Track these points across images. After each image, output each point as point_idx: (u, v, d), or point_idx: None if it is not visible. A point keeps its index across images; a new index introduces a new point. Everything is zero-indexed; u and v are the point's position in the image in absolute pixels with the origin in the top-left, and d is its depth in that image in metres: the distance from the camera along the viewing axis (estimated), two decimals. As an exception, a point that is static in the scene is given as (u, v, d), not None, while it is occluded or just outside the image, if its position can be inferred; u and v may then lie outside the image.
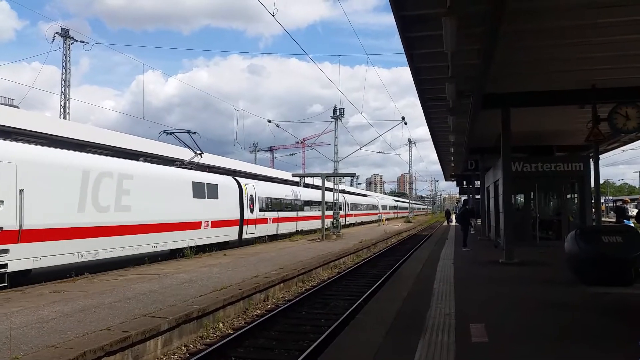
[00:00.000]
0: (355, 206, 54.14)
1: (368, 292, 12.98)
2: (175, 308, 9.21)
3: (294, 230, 32.30)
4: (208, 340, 9.06)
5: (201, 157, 22.25)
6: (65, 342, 6.93)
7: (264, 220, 26.60)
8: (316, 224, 36.04)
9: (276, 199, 29.42)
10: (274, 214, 28.47)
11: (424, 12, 9.27)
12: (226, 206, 22.01)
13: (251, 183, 25.87)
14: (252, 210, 24.77)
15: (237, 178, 24.78)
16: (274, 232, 28.54)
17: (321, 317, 10.87)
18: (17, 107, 23.21)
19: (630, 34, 9.93)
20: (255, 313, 11.16)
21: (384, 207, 77.04)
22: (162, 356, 8.12)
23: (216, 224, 21.00)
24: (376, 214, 67.83)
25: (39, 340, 7.07)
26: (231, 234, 22.59)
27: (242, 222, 23.63)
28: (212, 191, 20.76)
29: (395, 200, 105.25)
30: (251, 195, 24.88)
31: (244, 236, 24.01)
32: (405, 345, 6.18)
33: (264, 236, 26.93)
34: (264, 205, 26.86)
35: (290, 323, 10.41)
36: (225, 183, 22.76)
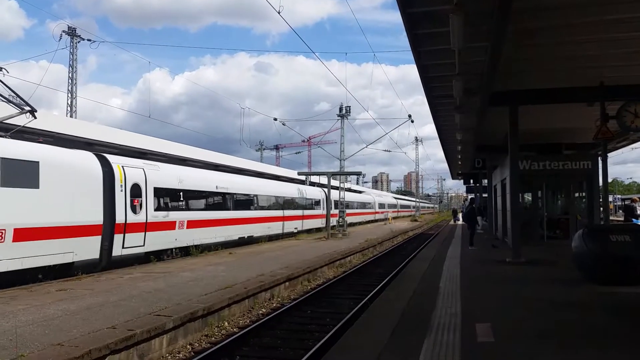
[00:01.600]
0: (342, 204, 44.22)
1: (374, 291, 12.94)
2: (181, 306, 9.21)
3: (237, 237, 22.60)
4: (213, 338, 9.06)
5: (34, 117, 13.33)
6: (71, 340, 6.95)
7: (167, 225, 17.26)
8: (277, 228, 27.86)
9: (199, 192, 20.03)
10: (191, 215, 18.93)
11: (431, 9, 9.22)
12: (64, 201, 12.97)
13: (138, 165, 16.52)
14: (136, 210, 15.71)
15: (108, 155, 15.64)
16: (193, 242, 18.84)
17: (326, 316, 10.85)
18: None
19: (639, 31, 9.81)
20: (261, 312, 11.15)
21: (382, 206, 68.42)
22: (167, 355, 8.12)
23: (32, 234, 11.95)
24: (372, 213, 59.85)
25: (44, 338, 7.09)
26: (80, 250, 13.29)
27: (112, 228, 14.66)
28: (19, 174, 11.82)
29: (396, 198, 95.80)
30: (136, 185, 15.77)
31: (119, 252, 14.90)
32: (410, 344, 6.13)
33: (169, 249, 17.73)
34: (168, 202, 17.75)
35: (295, 322, 10.40)
36: (63, 161, 13.36)
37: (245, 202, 24.60)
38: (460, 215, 51.00)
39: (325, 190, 37.23)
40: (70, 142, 17.61)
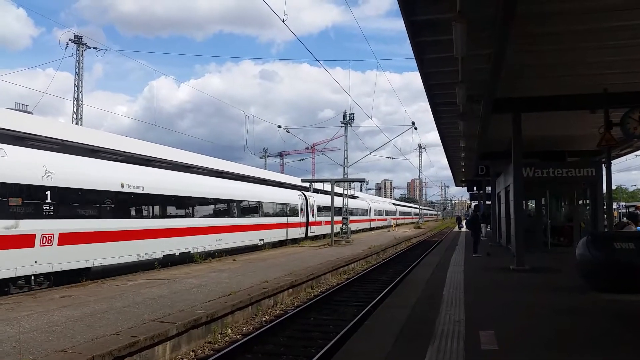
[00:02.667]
0: (325, 210, 35.25)
1: (377, 298, 12.91)
2: (184, 313, 9.21)
3: (161, 254, 16.76)
4: (216, 345, 9.05)
5: None
6: (74, 347, 6.96)
7: (16, 241, 11.63)
8: (229, 240, 21.24)
9: (86, 192, 13.93)
10: (69, 225, 13.14)
11: (434, 16, 9.26)
12: None
13: None
14: None
15: None
16: (73, 265, 13.20)
17: (330, 323, 10.82)
18: (31, 113, 23.39)
19: (643, 38, 9.83)
20: (264, 319, 11.13)
21: (379, 213, 60.75)
22: (170, 361, 8.12)
23: None
24: (367, 220, 51.74)
25: (48, 344, 7.10)
26: None
27: None
28: None
29: (395, 204, 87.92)
30: None
31: None
32: (414, 352, 6.12)
33: (25, 277, 12.03)
34: (19, 206, 11.90)
35: (298, 329, 10.38)
36: None
37: (175, 206, 18.44)
38: (464, 222, 50.93)
39: (307, 194, 31.94)
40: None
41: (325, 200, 35.12)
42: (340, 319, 11.25)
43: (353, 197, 52.03)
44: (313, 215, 31.95)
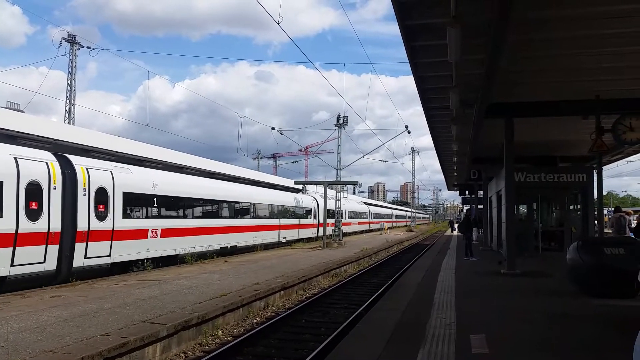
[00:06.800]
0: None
1: (369, 301, 12.91)
2: (175, 314, 9.17)
3: None
4: (207, 347, 9.01)
5: None
6: (64, 347, 6.91)
7: None
8: None
9: None
10: None
11: (429, 21, 9.29)
12: None
13: None
14: None
15: None
16: None
17: (321, 326, 10.80)
18: (23, 111, 23.21)
19: (636, 45, 9.91)
20: (255, 321, 11.10)
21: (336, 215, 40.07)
22: (160, 363, 8.07)
23: None
24: (311, 226, 35.23)
25: (37, 345, 7.04)
26: None
27: None
28: None
29: (368, 204, 67.16)
30: None
31: None
32: (405, 355, 6.12)
33: None
34: None
35: (289, 331, 10.35)
36: None
37: None
38: (456, 226, 51.12)
39: (74, 159, 13.84)
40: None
41: (164, 181, 17.80)
42: (331, 321, 11.24)
43: (291, 189, 37.03)
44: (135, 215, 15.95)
